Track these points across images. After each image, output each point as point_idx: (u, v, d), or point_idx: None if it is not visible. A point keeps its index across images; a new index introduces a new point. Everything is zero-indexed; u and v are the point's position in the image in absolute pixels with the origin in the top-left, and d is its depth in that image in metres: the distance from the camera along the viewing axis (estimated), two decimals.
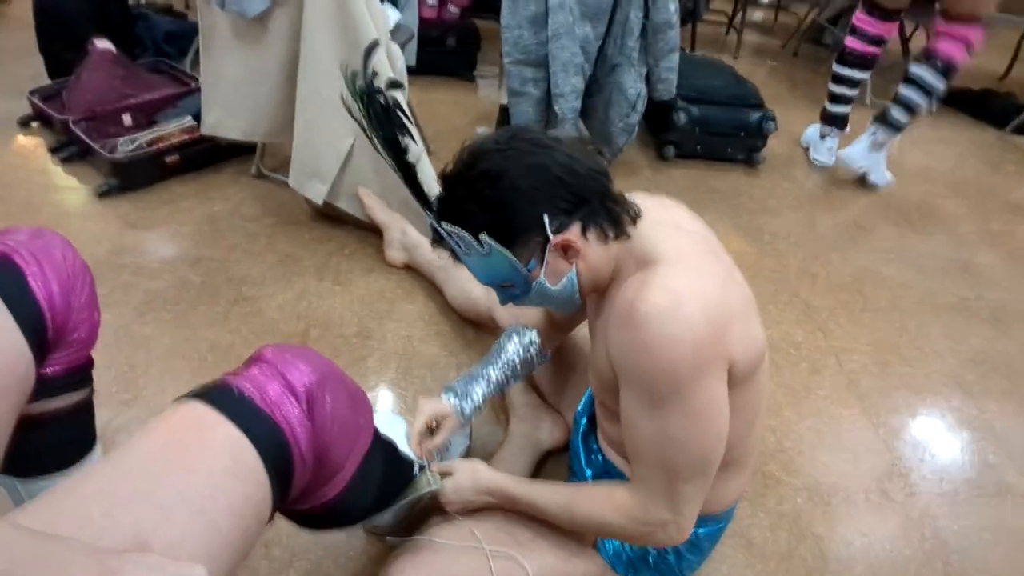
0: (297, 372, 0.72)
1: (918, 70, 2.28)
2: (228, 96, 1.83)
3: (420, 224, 1.80)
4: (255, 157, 2.10)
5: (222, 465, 0.62)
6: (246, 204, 1.98)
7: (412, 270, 1.78)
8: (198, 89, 2.22)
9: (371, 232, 1.85)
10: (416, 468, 1.02)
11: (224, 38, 1.76)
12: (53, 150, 2.11)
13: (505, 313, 1.43)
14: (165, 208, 1.92)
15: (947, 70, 2.24)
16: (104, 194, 1.93)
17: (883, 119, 2.42)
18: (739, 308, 0.81)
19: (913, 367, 1.70)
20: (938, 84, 2.26)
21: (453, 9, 3.00)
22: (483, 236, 0.81)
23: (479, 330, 1.60)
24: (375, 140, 0.84)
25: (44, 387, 0.78)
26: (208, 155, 2.08)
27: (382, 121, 0.82)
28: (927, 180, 2.69)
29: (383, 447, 0.92)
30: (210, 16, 1.74)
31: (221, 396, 0.67)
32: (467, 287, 1.59)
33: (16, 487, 0.87)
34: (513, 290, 0.90)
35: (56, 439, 0.86)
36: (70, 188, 1.98)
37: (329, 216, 1.92)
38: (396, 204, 1.82)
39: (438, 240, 0.87)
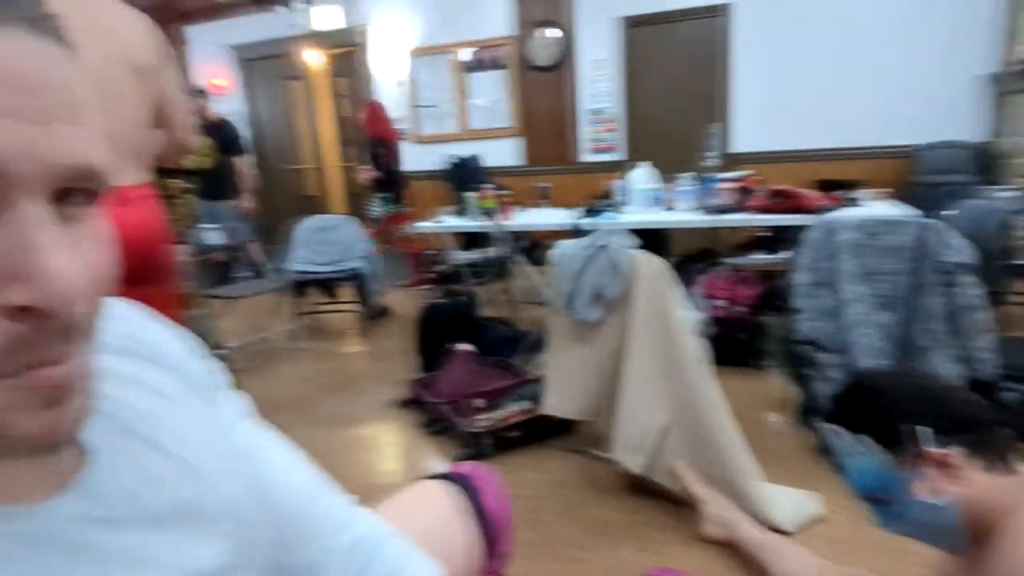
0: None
1: None
2: (565, 383, 2.25)
3: (735, 500, 1.87)
4: (576, 435, 2.44)
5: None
6: (569, 474, 2.26)
7: (729, 546, 1.80)
8: (531, 380, 2.73)
9: (683, 505, 1.95)
10: None
11: (566, 338, 2.24)
12: (424, 424, 2.72)
13: None
14: (506, 476, 2.27)
15: None
16: (460, 460, 2.37)
17: None
18: None
19: None
20: None
21: (740, 309, 3.34)
22: (862, 437, 0.93)
23: None
24: (784, 366, 1.13)
25: None
26: (538, 432, 2.48)
27: (793, 359, 1.11)
28: None
29: None
30: (557, 323, 2.26)
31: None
32: (795, 566, 1.56)
33: None
34: (889, 507, 0.94)
35: None
36: (437, 454, 2.49)
37: (639, 488, 2.09)
38: (710, 481, 1.93)
39: (824, 450, 1.00)
